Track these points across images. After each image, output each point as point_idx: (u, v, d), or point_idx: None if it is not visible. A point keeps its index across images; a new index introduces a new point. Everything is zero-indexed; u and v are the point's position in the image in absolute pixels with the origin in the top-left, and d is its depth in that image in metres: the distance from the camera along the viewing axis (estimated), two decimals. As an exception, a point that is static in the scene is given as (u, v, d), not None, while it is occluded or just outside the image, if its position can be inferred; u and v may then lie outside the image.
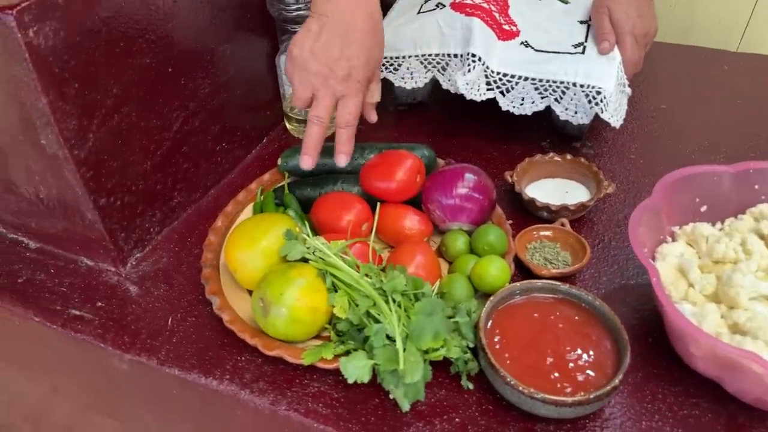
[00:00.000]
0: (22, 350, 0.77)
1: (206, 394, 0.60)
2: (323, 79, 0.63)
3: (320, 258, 0.60)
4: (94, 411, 0.81)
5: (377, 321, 0.56)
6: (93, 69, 0.60)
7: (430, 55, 0.82)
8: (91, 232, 0.68)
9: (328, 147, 0.79)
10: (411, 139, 0.91)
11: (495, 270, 0.62)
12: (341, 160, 0.67)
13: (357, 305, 0.57)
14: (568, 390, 0.53)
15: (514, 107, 0.80)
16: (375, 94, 0.69)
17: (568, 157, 0.79)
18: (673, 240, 0.65)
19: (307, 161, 0.67)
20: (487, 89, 0.80)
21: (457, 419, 0.55)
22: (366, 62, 0.64)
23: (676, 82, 1.02)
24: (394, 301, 0.57)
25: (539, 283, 0.60)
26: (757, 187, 0.65)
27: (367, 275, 0.59)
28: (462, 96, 0.80)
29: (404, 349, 0.53)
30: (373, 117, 0.72)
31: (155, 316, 0.66)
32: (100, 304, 0.68)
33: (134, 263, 0.72)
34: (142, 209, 0.71)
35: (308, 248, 0.61)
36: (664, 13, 1.31)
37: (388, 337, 0.55)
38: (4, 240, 0.76)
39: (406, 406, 0.54)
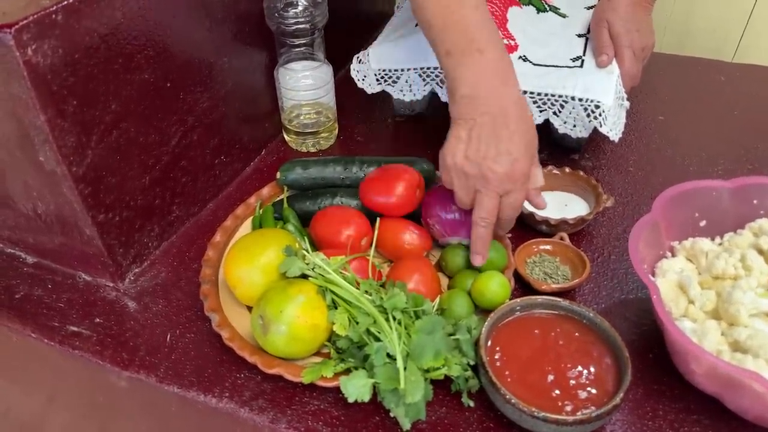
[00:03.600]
0: (20, 365, 0.77)
1: (205, 411, 0.60)
2: (484, 182, 0.61)
3: (320, 275, 0.60)
4: (91, 426, 0.80)
5: (377, 339, 0.56)
6: (92, 86, 0.59)
7: (428, 68, 0.82)
8: (89, 247, 0.67)
9: (324, 160, 0.79)
10: (409, 151, 0.91)
11: (495, 286, 0.62)
12: (477, 261, 0.65)
13: (357, 323, 0.57)
14: (569, 408, 0.53)
15: (512, 120, 0.80)
16: (537, 179, 0.64)
17: (567, 170, 0.79)
18: (673, 255, 0.65)
19: (479, 260, 0.65)
20: (486, 102, 0.80)
21: (458, 437, 0.55)
22: (525, 152, 0.61)
23: (674, 93, 1.03)
24: (394, 318, 0.56)
25: (540, 299, 0.60)
26: (755, 201, 0.65)
27: (366, 292, 0.59)
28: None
29: (405, 368, 0.53)
30: (540, 203, 0.67)
31: (154, 332, 0.66)
32: (98, 320, 0.67)
33: (132, 278, 0.71)
34: (140, 224, 0.71)
35: (308, 264, 0.61)
36: (660, 22, 1.32)
37: (388, 355, 0.55)
38: (1, 254, 0.76)
39: (407, 425, 0.53)
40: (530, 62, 0.80)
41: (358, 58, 0.87)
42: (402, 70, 0.84)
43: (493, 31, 0.64)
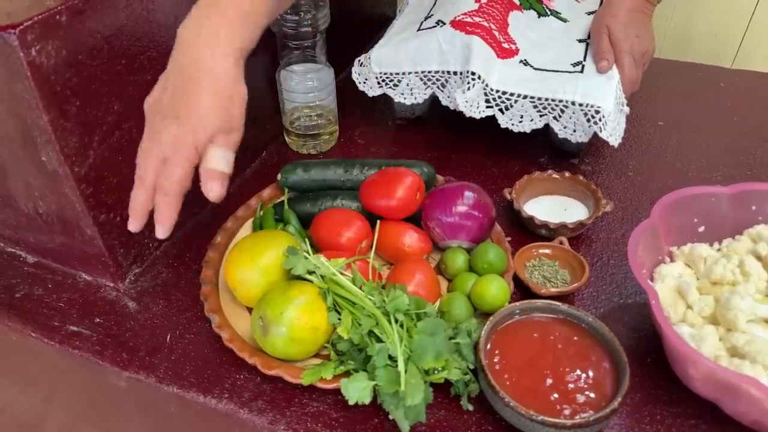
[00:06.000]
0: (19, 364, 0.77)
1: (205, 412, 0.60)
2: (150, 139, 0.55)
3: (322, 276, 0.60)
4: (90, 425, 0.80)
5: (379, 340, 0.56)
6: (95, 86, 0.60)
7: (429, 72, 0.83)
8: (90, 247, 0.68)
9: (325, 162, 0.79)
10: (410, 154, 0.91)
11: (495, 289, 0.63)
12: (158, 232, 0.56)
13: (359, 324, 0.57)
14: (567, 412, 0.53)
15: (513, 125, 0.81)
16: (213, 159, 0.55)
17: (567, 174, 0.79)
18: (671, 260, 0.65)
19: (132, 224, 0.57)
20: (487, 107, 0.80)
21: (456, 440, 0.55)
22: (196, 125, 0.54)
23: (674, 98, 1.03)
24: (396, 320, 0.57)
25: (539, 303, 0.61)
26: (754, 208, 0.66)
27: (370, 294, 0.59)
28: (460, 111, 0.80)
29: (405, 371, 0.53)
30: (208, 189, 0.56)
31: (154, 332, 0.66)
32: (98, 320, 0.67)
33: (133, 278, 0.72)
34: (141, 225, 0.71)
35: (312, 264, 0.61)
36: (660, 27, 1.32)
37: (389, 357, 0.55)
38: (2, 254, 0.76)
39: (406, 428, 0.54)
40: (531, 66, 0.80)
41: (359, 61, 0.87)
42: (403, 73, 0.84)
43: (251, 2, 0.56)
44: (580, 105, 0.76)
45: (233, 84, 0.56)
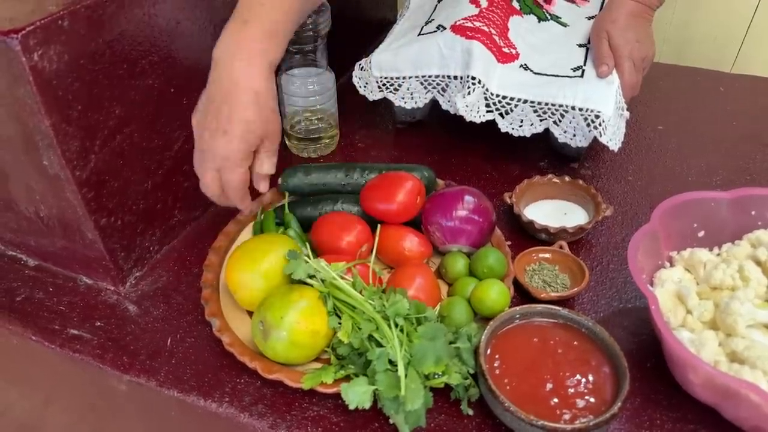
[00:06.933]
0: (19, 367, 0.77)
1: (205, 416, 0.60)
2: (202, 153, 0.62)
3: (322, 280, 0.60)
4: (90, 429, 0.80)
5: (379, 345, 0.56)
6: (96, 91, 0.60)
7: (430, 76, 0.83)
8: (91, 251, 0.68)
9: (326, 166, 0.79)
10: (410, 158, 0.92)
11: (495, 294, 0.63)
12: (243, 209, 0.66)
13: (360, 329, 0.57)
14: (567, 416, 0.53)
15: (513, 129, 0.81)
16: (265, 165, 0.64)
17: (567, 179, 0.79)
18: (671, 265, 0.66)
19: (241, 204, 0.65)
20: (487, 111, 0.80)
21: (456, 445, 0.55)
22: (242, 135, 0.60)
23: (673, 103, 1.03)
24: (396, 325, 0.57)
25: (539, 307, 0.61)
26: (753, 212, 0.66)
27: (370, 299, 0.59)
28: (461, 116, 0.80)
29: (405, 375, 0.53)
30: (260, 187, 0.66)
31: (154, 336, 0.66)
32: (99, 323, 0.68)
33: (133, 282, 0.72)
34: (142, 228, 0.71)
35: (312, 268, 0.61)
36: (659, 31, 1.32)
37: (389, 361, 0.55)
38: (3, 257, 0.76)
39: (406, 432, 0.54)
40: (531, 71, 0.81)
41: (360, 65, 0.87)
42: (403, 77, 0.85)
43: (274, 14, 0.61)
44: (580, 110, 0.76)
45: (269, 97, 0.61)
